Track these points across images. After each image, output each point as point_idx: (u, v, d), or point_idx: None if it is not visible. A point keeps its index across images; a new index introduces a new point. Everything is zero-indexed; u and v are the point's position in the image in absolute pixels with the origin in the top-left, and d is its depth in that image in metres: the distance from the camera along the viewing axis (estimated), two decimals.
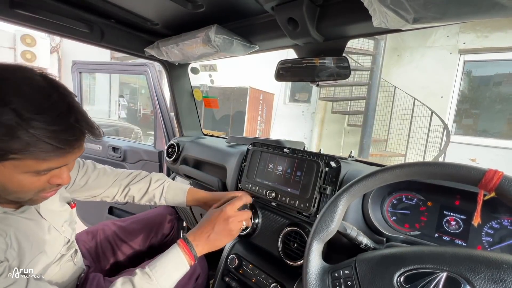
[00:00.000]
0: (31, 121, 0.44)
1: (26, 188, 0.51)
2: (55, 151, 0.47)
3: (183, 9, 0.83)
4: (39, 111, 0.45)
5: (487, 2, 0.44)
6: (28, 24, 0.87)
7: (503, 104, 4.24)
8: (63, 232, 0.70)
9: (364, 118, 4.68)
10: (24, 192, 0.52)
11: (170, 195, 0.92)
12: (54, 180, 0.54)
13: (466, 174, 0.42)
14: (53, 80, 0.51)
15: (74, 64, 1.88)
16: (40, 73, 0.50)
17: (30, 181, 0.50)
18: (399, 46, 4.84)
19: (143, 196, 0.91)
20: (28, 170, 0.48)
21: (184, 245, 0.64)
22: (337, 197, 0.53)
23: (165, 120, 1.65)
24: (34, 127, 0.44)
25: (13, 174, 0.47)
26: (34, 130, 0.44)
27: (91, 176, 0.85)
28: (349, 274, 0.47)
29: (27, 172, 0.48)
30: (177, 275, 0.62)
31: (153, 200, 0.92)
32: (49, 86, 0.49)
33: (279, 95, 6.60)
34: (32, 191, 0.52)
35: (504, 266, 0.36)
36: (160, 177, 0.95)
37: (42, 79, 0.49)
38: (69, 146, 0.49)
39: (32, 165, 0.47)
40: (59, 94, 0.49)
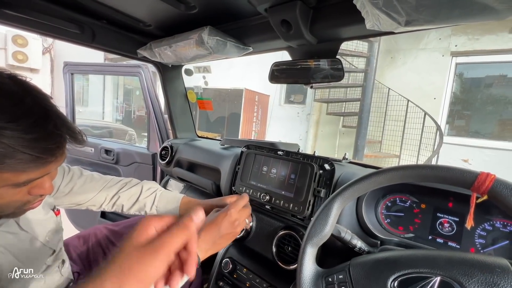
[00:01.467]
0: (4, 130, 0.39)
1: (6, 201, 0.47)
2: (34, 161, 0.43)
3: (175, 10, 0.82)
4: (11, 118, 0.40)
5: (478, 6, 0.44)
6: (17, 25, 0.85)
7: (494, 105, 4.32)
8: (47, 243, 0.65)
9: (358, 120, 4.71)
10: (5, 206, 0.48)
11: (162, 204, 0.87)
12: (36, 191, 0.50)
13: (459, 177, 0.42)
14: (25, 83, 0.46)
15: (65, 65, 1.85)
16: (8, 75, 0.45)
17: (10, 193, 0.46)
18: (392, 48, 4.90)
19: (133, 204, 0.86)
20: (6, 183, 0.44)
21: None
22: (331, 200, 0.52)
23: (158, 122, 1.63)
24: (7, 136, 0.39)
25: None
26: (8, 140, 0.39)
27: (77, 183, 0.80)
28: (343, 278, 0.47)
29: (6, 186, 0.44)
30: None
31: (143, 209, 0.86)
32: (21, 90, 0.44)
33: (274, 96, 6.61)
34: (14, 205, 0.49)
35: (497, 270, 0.36)
36: (152, 185, 0.91)
37: (12, 82, 0.44)
38: (50, 155, 0.45)
39: (10, 178, 0.43)
40: (33, 98, 0.45)
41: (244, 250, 0.92)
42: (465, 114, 4.62)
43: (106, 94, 7.33)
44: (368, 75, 4.57)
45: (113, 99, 7.59)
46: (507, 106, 4.23)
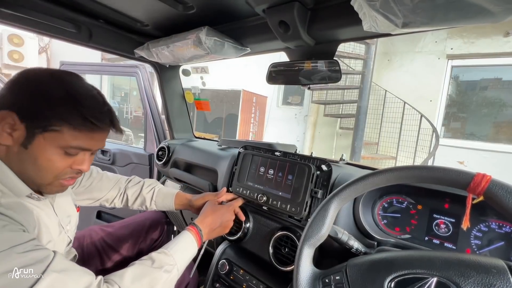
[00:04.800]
0: (79, 100, 0.55)
1: (53, 165, 0.56)
2: (90, 127, 0.56)
3: (173, 11, 0.82)
4: (85, 96, 0.57)
5: (474, 8, 0.45)
6: (13, 23, 0.84)
7: (489, 108, 4.36)
8: (67, 232, 0.72)
9: (355, 121, 4.73)
10: (50, 170, 0.57)
11: (160, 199, 0.95)
12: (77, 165, 0.60)
13: (455, 178, 0.42)
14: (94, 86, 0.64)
15: (62, 65, 1.84)
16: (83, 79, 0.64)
17: (59, 158, 0.56)
18: (389, 51, 4.93)
19: (136, 199, 0.95)
20: (63, 144, 0.55)
21: (195, 230, 0.73)
22: (328, 201, 0.52)
23: (155, 122, 1.62)
24: (81, 105, 0.55)
25: (49, 147, 0.54)
26: (80, 107, 0.55)
27: (95, 179, 0.90)
28: (340, 279, 0.46)
29: (60, 147, 0.55)
30: (189, 254, 0.70)
31: (144, 203, 0.95)
32: (91, 86, 0.62)
33: (272, 98, 6.62)
34: (56, 171, 0.57)
35: (493, 270, 0.36)
36: (152, 183, 0.99)
37: (85, 82, 0.63)
38: (101, 126, 0.59)
39: (67, 139, 0.55)
40: (98, 92, 0.62)
41: (241, 251, 0.92)
42: (460, 116, 4.66)
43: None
44: (365, 77, 4.60)
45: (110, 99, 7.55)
46: (502, 109, 4.27)
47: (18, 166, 0.56)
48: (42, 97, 0.54)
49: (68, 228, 0.73)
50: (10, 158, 0.55)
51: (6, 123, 0.52)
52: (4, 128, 0.52)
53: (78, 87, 0.59)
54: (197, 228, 0.73)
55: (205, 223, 0.76)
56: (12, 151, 0.55)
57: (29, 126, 0.53)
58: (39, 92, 0.54)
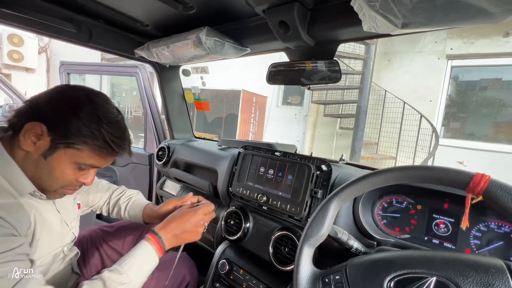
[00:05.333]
0: (107, 125, 0.60)
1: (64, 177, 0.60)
2: (109, 151, 0.61)
3: (173, 11, 0.82)
4: (111, 121, 0.61)
5: (473, 9, 0.45)
6: (13, 23, 0.84)
7: (489, 108, 4.36)
8: (72, 228, 0.74)
9: (355, 121, 4.73)
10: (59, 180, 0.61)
11: (132, 209, 0.94)
12: (82, 179, 0.64)
13: (454, 178, 0.42)
14: (119, 110, 0.68)
15: (62, 64, 1.84)
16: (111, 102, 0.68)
17: (70, 172, 0.60)
18: (389, 51, 4.93)
19: (114, 208, 0.96)
20: (78, 161, 0.59)
21: (154, 238, 0.68)
22: (328, 201, 0.52)
23: (155, 122, 1.62)
24: (105, 129, 0.59)
25: (66, 161, 0.58)
26: (105, 131, 0.59)
27: (92, 185, 0.92)
28: (340, 279, 0.47)
29: (75, 163, 0.59)
30: (147, 268, 0.65)
31: (119, 213, 0.95)
32: (117, 110, 0.66)
33: (272, 98, 6.61)
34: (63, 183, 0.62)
35: (492, 270, 0.36)
36: (132, 193, 1.00)
37: (113, 105, 0.66)
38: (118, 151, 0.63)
39: (84, 157, 0.59)
40: (122, 117, 0.67)
41: (241, 251, 0.92)
42: (460, 116, 4.66)
43: None
44: (365, 77, 4.60)
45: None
46: (501, 109, 4.27)
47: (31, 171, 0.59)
48: (74, 117, 0.57)
49: (73, 225, 0.76)
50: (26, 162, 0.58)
51: (33, 133, 0.55)
52: (30, 136, 0.55)
53: (107, 111, 0.62)
54: (156, 236, 0.68)
55: (167, 229, 0.70)
56: (30, 157, 0.58)
57: (54, 140, 0.56)
58: (73, 112, 0.57)
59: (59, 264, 0.71)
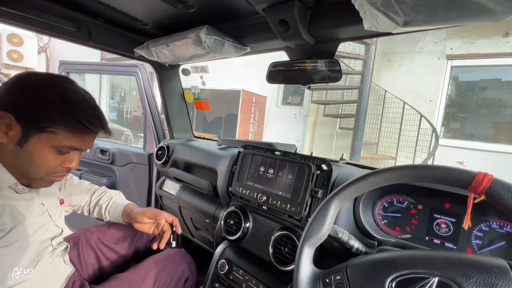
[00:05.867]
0: (74, 105, 0.61)
1: (46, 163, 0.61)
2: (83, 130, 0.62)
3: (173, 9, 0.82)
4: (80, 100, 0.63)
5: (475, 7, 0.44)
6: (12, 22, 0.84)
7: (488, 108, 4.36)
8: (56, 221, 0.75)
9: (355, 122, 4.73)
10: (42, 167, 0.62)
11: (112, 210, 0.96)
12: (67, 163, 0.65)
13: (456, 177, 0.42)
14: (87, 90, 0.69)
15: (61, 64, 1.83)
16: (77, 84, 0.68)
17: (51, 157, 0.61)
18: (389, 51, 4.93)
19: (95, 208, 0.97)
20: (56, 144, 0.60)
21: None
22: (328, 200, 0.52)
23: (155, 122, 1.62)
24: (75, 109, 0.60)
25: (43, 147, 0.59)
26: (75, 111, 0.60)
27: (76, 186, 0.94)
28: (341, 279, 0.46)
29: (54, 147, 0.60)
30: None
31: (100, 212, 0.96)
32: (84, 91, 0.67)
33: (271, 98, 6.61)
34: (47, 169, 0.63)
35: (495, 270, 0.36)
36: (113, 193, 1.00)
37: (79, 87, 0.68)
38: (93, 129, 0.64)
39: (61, 140, 0.60)
40: (90, 97, 0.68)
41: (240, 251, 0.91)
42: (460, 116, 4.66)
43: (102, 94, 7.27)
44: (365, 77, 4.59)
45: (109, 99, 7.53)
46: (501, 109, 4.27)
47: (11, 161, 0.60)
48: (40, 101, 0.58)
49: (57, 219, 0.76)
50: (3, 154, 0.60)
51: (2, 123, 0.56)
52: (0, 127, 0.56)
53: (73, 92, 0.63)
54: None
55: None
56: (6, 149, 0.59)
57: (25, 127, 0.57)
58: (37, 96, 0.58)
59: (48, 256, 0.71)
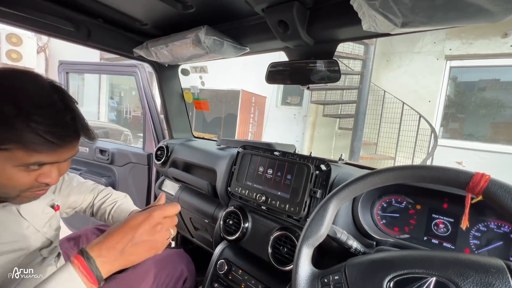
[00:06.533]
0: (30, 114, 0.46)
1: (15, 182, 0.51)
2: (47, 144, 0.49)
3: (172, 10, 0.82)
4: (38, 106, 0.48)
5: (473, 8, 0.45)
6: (11, 22, 0.83)
7: (487, 109, 4.38)
8: (44, 234, 0.68)
9: (354, 122, 4.74)
10: (12, 187, 0.52)
11: (116, 215, 0.89)
12: (43, 179, 0.53)
13: (454, 178, 0.42)
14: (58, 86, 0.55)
15: (60, 64, 1.83)
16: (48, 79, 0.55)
17: (20, 175, 0.50)
18: (388, 51, 4.94)
19: (98, 210, 0.90)
20: (19, 163, 0.48)
21: (81, 263, 0.44)
22: (327, 201, 0.52)
23: (154, 122, 1.62)
24: (31, 119, 0.46)
25: (4, 166, 0.48)
26: (30, 122, 0.46)
27: (74, 187, 0.87)
28: (339, 279, 0.46)
29: (18, 166, 0.49)
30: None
31: (103, 216, 0.89)
32: (52, 88, 0.53)
33: (271, 98, 6.62)
34: (20, 187, 0.53)
35: (492, 270, 0.36)
36: (118, 196, 0.94)
37: (47, 83, 0.54)
38: (61, 141, 0.51)
39: (23, 157, 0.48)
40: (60, 96, 0.53)
41: (239, 251, 0.92)
42: (459, 117, 4.67)
43: (102, 94, 7.26)
44: (364, 77, 4.60)
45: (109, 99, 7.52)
46: (500, 110, 4.29)
47: None
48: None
49: (46, 230, 0.68)
50: None
51: None
52: None
53: (29, 94, 0.48)
54: (83, 257, 0.44)
55: (105, 245, 0.46)
56: None
57: None
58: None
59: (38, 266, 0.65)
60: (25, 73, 0.52)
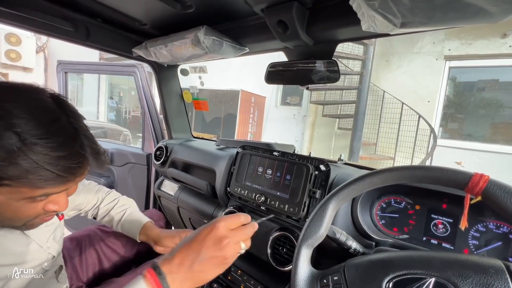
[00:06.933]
0: (34, 146, 0.41)
1: (21, 215, 0.48)
2: (54, 178, 0.44)
3: (172, 10, 0.82)
4: (44, 135, 0.42)
5: (472, 8, 0.45)
6: (10, 22, 0.83)
7: (486, 109, 4.39)
8: (47, 249, 0.66)
9: (354, 122, 4.74)
10: (19, 219, 0.49)
11: (127, 224, 0.90)
12: (50, 207, 0.50)
13: (453, 178, 0.42)
14: (64, 102, 0.50)
15: (59, 64, 1.83)
16: (51, 93, 0.49)
17: (26, 208, 0.47)
18: (387, 52, 4.95)
19: (105, 217, 0.92)
20: (24, 197, 0.45)
21: (154, 278, 0.42)
22: (326, 201, 0.52)
23: (153, 122, 1.62)
24: (36, 152, 0.41)
25: (8, 201, 0.45)
26: (35, 155, 0.41)
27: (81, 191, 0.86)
28: (338, 280, 0.46)
29: (23, 199, 0.46)
30: None
31: (111, 223, 0.91)
32: (58, 109, 0.47)
33: (270, 98, 6.62)
34: (27, 218, 0.50)
35: (491, 270, 0.36)
36: (126, 202, 0.95)
37: (52, 101, 0.47)
38: (70, 174, 0.46)
39: (27, 192, 0.44)
40: (68, 118, 0.47)
41: None
42: (458, 117, 4.68)
43: (101, 94, 7.25)
44: (363, 77, 4.61)
45: (108, 99, 7.51)
46: (499, 110, 4.30)
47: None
48: None
49: (49, 245, 0.67)
50: None
51: None
52: None
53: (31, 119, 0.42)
54: (156, 272, 0.43)
55: (175, 261, 0.44)
56: None
57: None
58: None
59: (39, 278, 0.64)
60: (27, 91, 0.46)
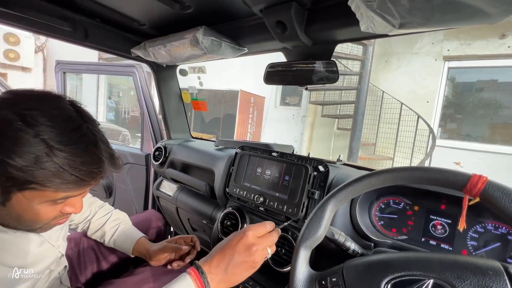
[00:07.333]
0: (60, 152, 0.44)
1: (41, 217, 0.51)
2: (77, 182, 0.48)
3: (170, 10, 0.82)
4: (68, 142, 0.45)
5: (470, 9, 0.45)
6: (8, 22, 0.83)
7: (485, 109, 4.40)
8: (58, 247, 0.68)
9: (353, 122, 4.74)
10: (37, 221, 0.52)
11: (120, 239, 0.89)
12: (68, 209, 0.53)
13: (451, 179, 0.42)
14: (81, 109, 0.52)
15: (57, 64, 1.82)
16: (69, 101, 0.52)
17: (46, 210, 0.50)
18: (386, 52, 4.95)
19: (97, 231, 0.90)
20: (47, 199, 0.48)
21: (197, 276, 0.49)
22: (324, 202, 0.52)
23: (152, 122, 1.61)
24: (61, 158, 0.44)
25: (31, 203, 0.48)
26: (61, 161, 0.44)
27: None
28: (337, 281, 0.46)
29: (45, 202, 0.48)
30: None
31: (103, 238, 0.90)
32: (79, 117, 0.50)
33: (270, 98, 6.62)
34: (45, 220, 0.53)
35: (489, 272, 0.36)
36: (119, 217, 0.94)
37: (72, 108, 0.50)
38: (91, 178, 0.50)
39: (51, 195, 0.48)
40: (88, 126, 0.50)
41: None
42: (457, 117, 4.70)
43: (100, 94, 7.24)
44: (362, 78, 4.61)
45: (107, 99, 7.50)
46: (497, 110, 4.31)
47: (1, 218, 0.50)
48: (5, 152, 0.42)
49: (59, 244, 0.69)
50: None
51: None
52: None
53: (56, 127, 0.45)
54: (198, 271, 0.50)
55: (213, 263, 0.52)
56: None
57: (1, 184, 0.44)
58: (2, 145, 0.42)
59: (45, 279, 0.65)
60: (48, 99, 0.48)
